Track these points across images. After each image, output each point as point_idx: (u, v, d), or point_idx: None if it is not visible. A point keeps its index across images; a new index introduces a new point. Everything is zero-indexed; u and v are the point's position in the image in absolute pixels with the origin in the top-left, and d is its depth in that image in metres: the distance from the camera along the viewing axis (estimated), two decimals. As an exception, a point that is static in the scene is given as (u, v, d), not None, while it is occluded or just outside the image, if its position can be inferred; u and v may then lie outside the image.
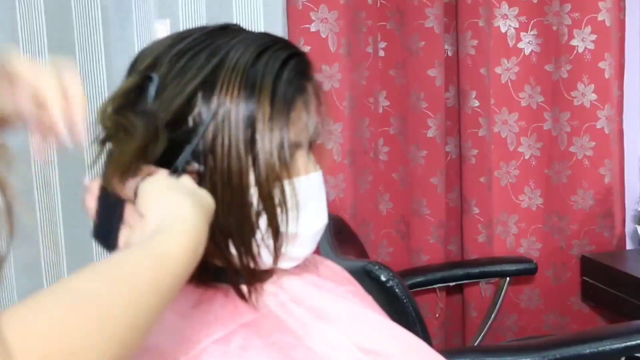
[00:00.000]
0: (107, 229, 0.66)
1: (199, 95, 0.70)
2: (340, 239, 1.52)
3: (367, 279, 1.29)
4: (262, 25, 1.74)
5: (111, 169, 0.65)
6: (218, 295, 0.75)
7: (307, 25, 1.83)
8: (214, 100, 0.70)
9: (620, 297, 1.85)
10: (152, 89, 0.69)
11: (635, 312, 1.76)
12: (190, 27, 0.77)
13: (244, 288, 0.74)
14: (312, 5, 1.83)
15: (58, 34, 1.72)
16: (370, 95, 1.98)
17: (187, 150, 0.68)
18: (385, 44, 1.99)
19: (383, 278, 1.30)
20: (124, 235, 0.65)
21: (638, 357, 1.49)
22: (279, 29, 1.76)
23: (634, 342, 1.35)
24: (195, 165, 0.70)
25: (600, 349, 1.33)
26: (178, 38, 0.74)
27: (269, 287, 0.78)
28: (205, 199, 0.65)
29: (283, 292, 0.79)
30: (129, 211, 0.66)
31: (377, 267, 1.31)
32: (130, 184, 0.64)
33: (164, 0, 1.73)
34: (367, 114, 1.98)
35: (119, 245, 0.65)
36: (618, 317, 1.89)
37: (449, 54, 2.03)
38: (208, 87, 0.70)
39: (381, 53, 1.99)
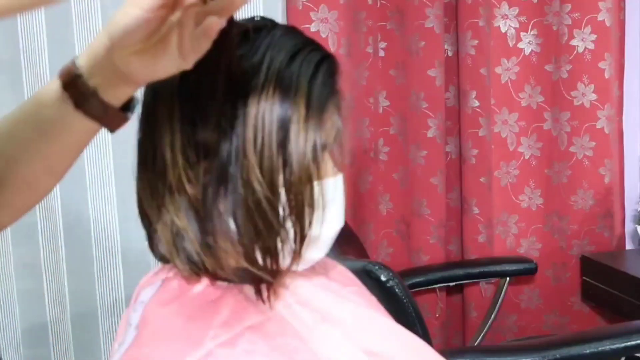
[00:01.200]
0: None
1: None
2: (340, 239, 1.51)
3: (367, 279, 1.29)
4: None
5: None
6: (227, 296, 0.75)
7: (307, 25, 1.83)
8: (249, 102, 0.70)
9: (620, 297, 1.85)
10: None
11: (635, 312, 1.76)
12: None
13: (262, 289, 0.74)
14: (312, 5, 1.83)
15: (58, 34, 1.72)
16: (370, 95, 1.98)
17: None
18: (385, 44, 1.99)
19: (383, 278, 1.30)
20: None
21: (638, 357, 1.49)
22: (279, 29, 1.76)
23: (634, 342, 1.34)
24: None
25: (600, 349, 1.33)
26: None
27: (281, 289, 0.78)
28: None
29: (290, 294, 0.79)
30: None
31: (377, 267, 1.31)
32: None
33: (164, 0, 1.73)
34: (367, 114, 1.98)
35: None
36: (618, 317, 1.89)
37: (449, 54, 2.03)
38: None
39: (381, 53, 1.99)
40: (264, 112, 0.70)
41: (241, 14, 1.96)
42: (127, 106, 0.68)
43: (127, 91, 0.66)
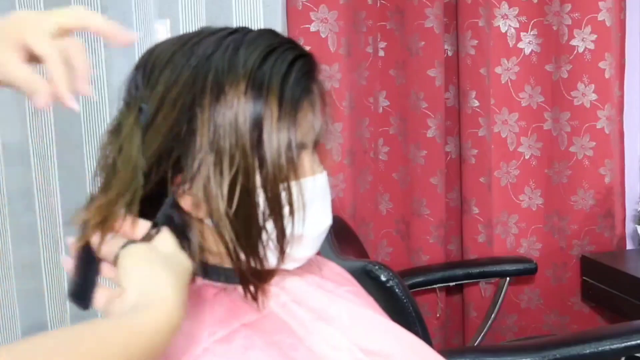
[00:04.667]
0: (83, 288, 0.66)
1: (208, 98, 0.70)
2: (340, 239, 1.52)
3: (367, 279, 1.29)
4: (262, 25, 1.74)
5: (91, 223, 0.66)
6: (222, 295, 0.75)
7: (307, 25, 1.83)
8: (222, 102, 0.70)
9: (620, 297, 1.85)
10: (142, 119, 0.70)
11: (635, 312, 1.76)
12: (191, 27, 0.76)
13: (251, 289, 0.74)
14: (312, 5, 1.83)
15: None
16: (370, 95, 1.98)
17: (167, 203, 0.69)
18: (385, 44, 1.99)
19: (383, 278, 1.30)
20: (100, 296, 0.65)
21: (638, 357, 1.49)
22: (278, 29, 1.74)
23: (634, 342, 1.35)
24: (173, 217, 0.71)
25: (600, 349, 1.33)
26: (190, 44, 0.73)
27: (271, 288, 0.78)
28: (183, 265, 0.67)
29: (284, 293, 0.79)
30: (105, 269, 0.67)
31: (377, 267, 1.31)
32: (110, 246, 0.66)
33: (164, 0, 1.73)
34: (367, 114, 1.98)
35: (96, 306, 0.65)
36: (618, 317, 1.89)
37: (449, 54, 2.03)
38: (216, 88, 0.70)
39: (381, 53, 1.99)
40: (237, 112, 0.69)
41: (242, 15, 1.95)
42: None
43: None
